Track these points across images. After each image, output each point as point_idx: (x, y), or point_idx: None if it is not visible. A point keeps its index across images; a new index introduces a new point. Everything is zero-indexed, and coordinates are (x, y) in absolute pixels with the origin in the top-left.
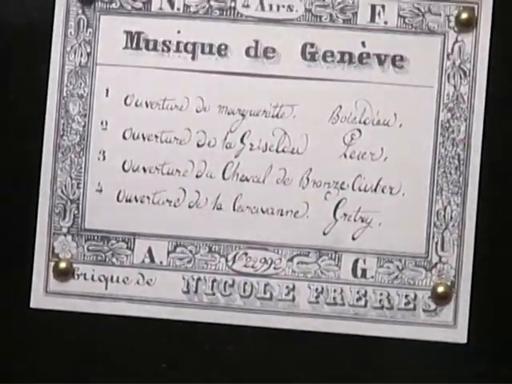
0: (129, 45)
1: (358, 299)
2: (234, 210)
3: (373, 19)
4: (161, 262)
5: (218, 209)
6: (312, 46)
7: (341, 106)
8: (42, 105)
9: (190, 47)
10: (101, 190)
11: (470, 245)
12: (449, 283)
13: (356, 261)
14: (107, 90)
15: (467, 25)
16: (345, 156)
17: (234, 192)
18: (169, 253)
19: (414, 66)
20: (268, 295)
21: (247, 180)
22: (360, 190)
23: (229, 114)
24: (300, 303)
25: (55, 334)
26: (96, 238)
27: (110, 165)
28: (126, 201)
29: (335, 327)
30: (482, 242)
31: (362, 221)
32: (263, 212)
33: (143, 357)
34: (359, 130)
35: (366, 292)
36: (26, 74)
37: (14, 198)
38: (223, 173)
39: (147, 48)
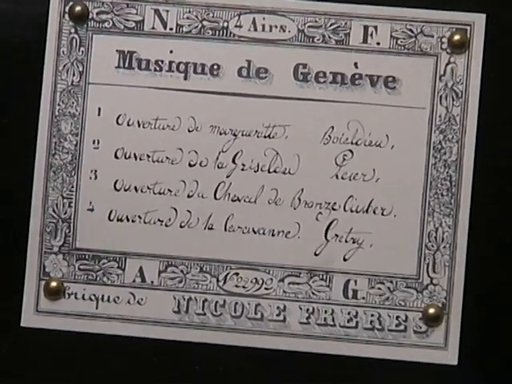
0: (121, 64)
1: (349, 320)
2: (225, 230)
3: (365, 40)
4: (152, 282)
5: (209, 229)
6: (304, 66)
7: (333, 127)
8: (33, 123)
9: (182, 67)
10: (92, 209)
11: (462, 267)
12: (440, 305)
13: (347, 282)
14: (99, 109)
15: (460, 46)
16: (336, 177)
17: (225, 212)
18: (160, 272)
19: (406, 88)
20: (259, 315)
21: (239, 200)
22: (352, 211)
23: (221, 133)
24: (291, 324)
25: (46, 352)
26: (87, 257)
27: (101, 184)
28: (118, 220)
29: (326, 348)
30: (473, 264)
31: (354, 242)
32: (255, 232)
33: (133, 377)
34: (351, 151)
35: (357, 313)
36: (18, 93)
37: (5, 217)
38: (215, 193)
39: (139, 67)
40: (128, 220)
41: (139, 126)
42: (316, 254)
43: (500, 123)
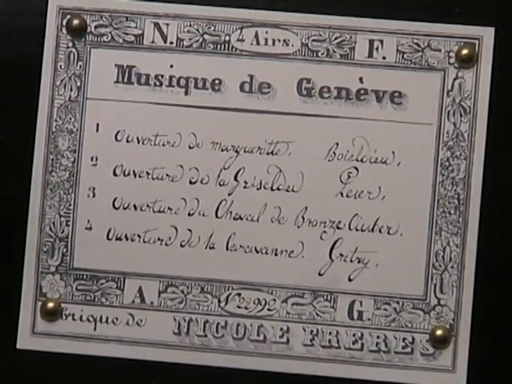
0: (120, 79)
1: (354, 342)
2: (227, 249)
3: (371, 54)
4: (151, 303)
5: (210, 248)
6: (308, 81)
7: (337, 144)
8: (30, 140)
9: (183, 82)
10: (90, 228)
11: (470, 287)
12: (448, 326)
13: (352, 302)
14: (97, 125)
15: (468, 61)
16: (341, 195)
17: (227, 231)
18: (160, 293)
19: (412, 103)
20: (262, 337)
21: (241, 218)
22: (357, 230)
23: (222, 150)
24: (294, 346)
25: (42, 375)
26: (85, 277)
27: (99, 202)
28: (116, 239)
29: (331, 371)
30: (481, 285)
31: (359, 261)
32: (257, 252)
33: None
34: (356, 168)
35: (362, 335)
36: (14, 108)
37: (0, 235)
38: (216, 211)
39: (139, 82)
40: (127, 239)
41: (138, 142)
42: (320, 274)
43: (509, 140)
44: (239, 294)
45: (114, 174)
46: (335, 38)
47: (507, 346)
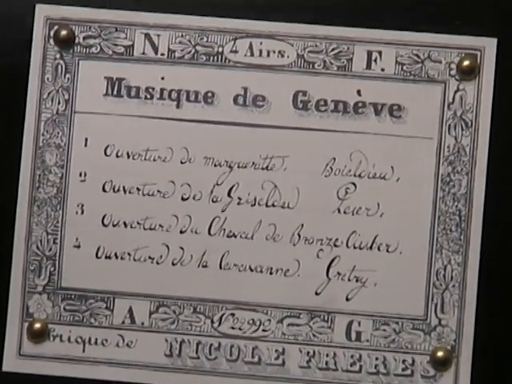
0: (109, 92)
1: (352, 364)
2: (220, 267)
3: (369, 66)
4: (142, 323)
5: (203, 266)
6: (304, 94)
7: (335, 158)
8: (16, 155)
9: (174, 95)
10: (79, 246)
11: (472, 307)
12: (449, 347)
13: (350, 323)
14: (86, 140)
15: (469, 73)
16: (339, 211)
17: (220, 249)
18: (151, 313)
19: (412, 116)
20: (256, 359)
21: (235, 236)
22: (355, 248)
23: (215, 165)
24: (290, 368)
25: None
26: (73, 297)
27: (88, 219)
28: (106, 257)
29: None
30: (484, 304)
31: (357, 280)
32: (251, 270)
33: None
34: (354, 184)
35: (360, 356)
36: (0, 122)
37: None
38: (209, 228)
39: (129, 95)
40: (117, 257)
41: (129, 157)
42: (317, 294)
43: None
44: (233, 315)
45: (104, 190)
46: (332, 49)
47: (510, 367)
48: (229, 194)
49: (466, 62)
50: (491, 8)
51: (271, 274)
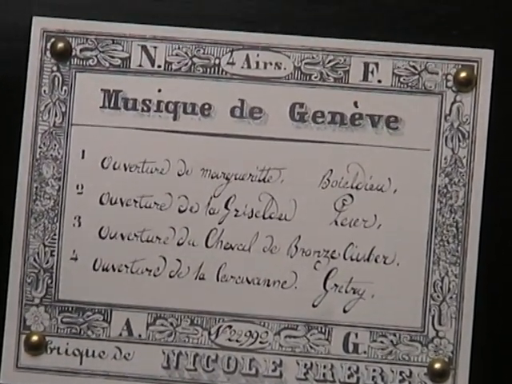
0: (106, 104)
1: (350, 376)
2: (217, 279)
3: (366, 78)
4: (139, 336)
5: (200, 279)
6: (301, 106)
7: (332, 170)
8: (13, 167)
9: (171, 107)
10: (76, 259)
11: (469, 318)
12: (446, 359)
13: (347, 335)
14: (83, 152)
15: (466, 84)
16: (336, 223)
17: (217, 261)
18: (148, 325)
19: (409, 128)
20: (254, 371)
21: (232, 248)
22: (352, 260)
23: (212, 177)
24: (288, 380)
25: None
26: (70, 309)
27: (85, 231)
28: (103, 270)
29: None
30: (481, 316)
31: (354, 292)
32: (249, 282)
33: None
34: (351, 196)
35: (358, 368)
36: None
37: None
38: (206, 240)
39: (126, 107)
40: (114, 269)
41: (126, 169)
42: (314, 306)
43: (509, 166)
44: (230, 327)
45: (101, 203)
46: (329, 61)
47: (508, 379)
48: (226, 206)
49: (463, 74)
50: (488, 19)
51: (268, 286)
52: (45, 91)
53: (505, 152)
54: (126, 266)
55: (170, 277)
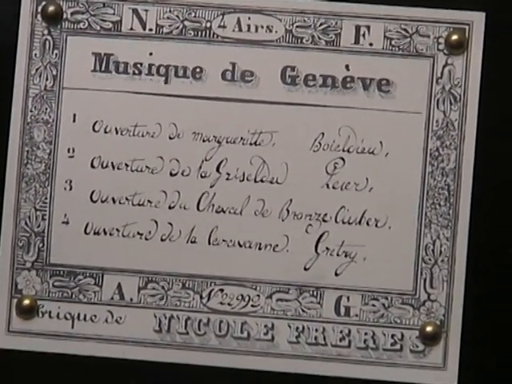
0: (97, 67)
1: (342, 339)
2: (209, 243)
3: (357, 41)
4: (131, 299)
5: (192, 242)
6: (293, 69)
7: (323, 134)
8: (4, 131)
9: (162, 70)
10: (67, 222)
11: (461, 281)
12: (438, 322)
13: (339, 298)
14: (74, 116)
15: (458, 47)
16: (327, 186)
17: (209, 224)
18: (139, 289)
19: (401, 91)
20: (245, 335)
21: (223, 211)
22: (343, 223)
23: (204, 141)
24: (279, 343)
25: (18, 375)
26: (62, 273)
27: (77, 195)
28: (94, 233)
29: (317, 369)
30: (473, 279)
31: (346, 255)
32: (240, 246)
33: None
34: (343, 159)
35: (349, 331)
36: None
37: None
38: (198, 204)
39: (117, 71)
40: (105, 233)
41: (117, 133)
42: (306, 269)
43: (501, 128)
44: (222, 290)
45: (92, 166)
46: (320, 24)
47: (499, 342)
48: (217, 170)
49: (455, 37)
50: None
51: (260, 249)
52: (36, 55)
53: (496, 115)
54: (117, 230)
55: (162, 240)
